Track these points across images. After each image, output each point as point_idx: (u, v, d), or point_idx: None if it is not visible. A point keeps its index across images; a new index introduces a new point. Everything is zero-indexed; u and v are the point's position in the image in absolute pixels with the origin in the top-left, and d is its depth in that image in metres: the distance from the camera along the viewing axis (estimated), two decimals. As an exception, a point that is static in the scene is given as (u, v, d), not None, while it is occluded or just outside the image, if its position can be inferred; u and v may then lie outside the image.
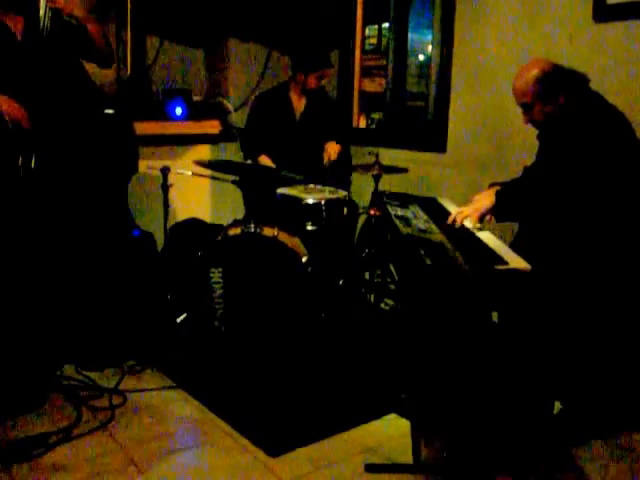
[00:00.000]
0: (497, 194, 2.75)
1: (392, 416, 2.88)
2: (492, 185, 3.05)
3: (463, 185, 4.18)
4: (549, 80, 2.75)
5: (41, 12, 3.00)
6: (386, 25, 4.98)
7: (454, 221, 2.75)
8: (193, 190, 4.72)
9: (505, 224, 2.92)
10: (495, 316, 2.46)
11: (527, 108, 2.83)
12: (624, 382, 2.73)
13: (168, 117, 4.55)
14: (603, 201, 2.62)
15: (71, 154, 3.17)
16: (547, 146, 2.94)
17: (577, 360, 2.67)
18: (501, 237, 2.65)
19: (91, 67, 3.43)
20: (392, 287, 3.92)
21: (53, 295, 3.08)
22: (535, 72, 2.77)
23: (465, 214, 2.75)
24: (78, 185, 3.22)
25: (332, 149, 3.97)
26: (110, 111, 3.40)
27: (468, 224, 2.78)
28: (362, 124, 5.26)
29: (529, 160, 3.08)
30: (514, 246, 2.58)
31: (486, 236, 2.65)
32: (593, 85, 2.86)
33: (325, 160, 3.94)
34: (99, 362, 3.24)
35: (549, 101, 2.76)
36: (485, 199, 2.78)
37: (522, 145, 3.82)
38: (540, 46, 3.70)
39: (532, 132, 3.74)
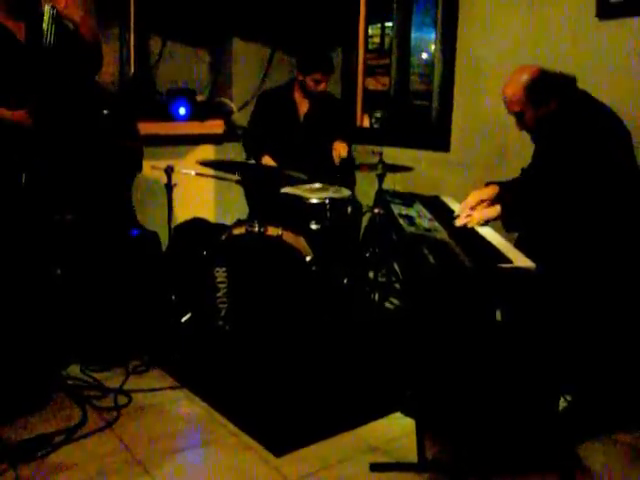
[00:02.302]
0: (502, 208, 2.75)
1: (397, 415, 2.88)
2: (488, 184, 3.04)
3: (467, 184, 4.16)
4: (537, 86, 2.74)
5: (44, 25, 3.00)
6: (389, 24, 4.97)
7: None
8: (197, 190, 4.73)
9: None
10: (498, 314, 2.46)
11: (519, 117, 2.82)
12: (630, 379, 2.72)
13: (172, 117, 4.56)
14: (602, 198, 2.61)
15: (75, 154, 3.18)
16: (542, 150, 2.93)
17: (582, 357, 2.66)
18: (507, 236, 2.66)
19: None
20: (396, 286, 3.92)
21: (57, 295, 3.08)
22: (523, 80, 2.75)
23: (473, 221, 2.75)
24: (82, 185, 3.23)
25: (341, 147, 3.97)
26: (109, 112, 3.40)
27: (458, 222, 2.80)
28: (366, 123, 5.25)
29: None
30: (518, 244, 2.58)
31: (490, 234, 2.65)
32: (595, 83, 2.86)
33: (336, 158, 3.95)
34: (104, 362, 3.24)
35: (540, 107, 2.76)
36: (491, 210, 2.78)
37: (526, 144, 3.81)
38: (543, 44, 3.69)
39: (536, 130, 3.74)
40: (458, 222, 2.78)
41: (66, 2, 3.00)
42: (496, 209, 2.77)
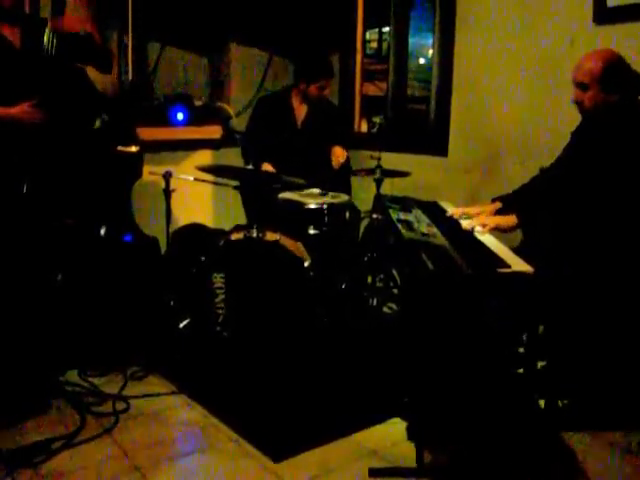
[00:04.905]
0: (521, 218, 2.73)
1: (396, 420, 2.87)
2: (495, 200, 3.05)
3: (464, 188, 4.18)
4: (615, 71, 2.69)
5: (45, 39, 3.02)
6: (387, 29, 4.99)
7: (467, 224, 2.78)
8: (195, 195, 4.72)
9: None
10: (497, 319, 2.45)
11: (583, 88, 2.73)
12: (628, 381, 2.72)
13: (170, 122, 4.56)
14: (630, 212, 2.59)
15: (75, 160, 3.18)
16: (579, 147, 2.89)
17: (581, 360, 2.66)
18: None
19: (93, 73, 3.45)
20: (394, 291, 3.92)
21: (56, 300, 3.08)
22: (608, 57, 2.71)
23: (486, 227, 2.75)
24: (82, 190, 3.23)
25: (340, 152, 3.98)
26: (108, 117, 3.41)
27: (468, 225, 2.80)
28: (363, 128, 5.26)
29: (529, 162, 3.08)
30: (520, 250, 2.56)
31: (488, 239, 2.65)
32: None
33: (334, 163, 3.95)
34: (102, 367, 3.23)
35: (605, 92, 2.69)
36: (506, 220, 2.76)
37: (522, 148, 3.83)
38: (541, 49, 3.70)
39: (532, 134, 3.75)
40: (467, 225, 2.78)
41: (67, 23, 3.07)
42: (510, 219, 2.76)
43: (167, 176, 3.66)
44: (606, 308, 2.57)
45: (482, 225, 2.77)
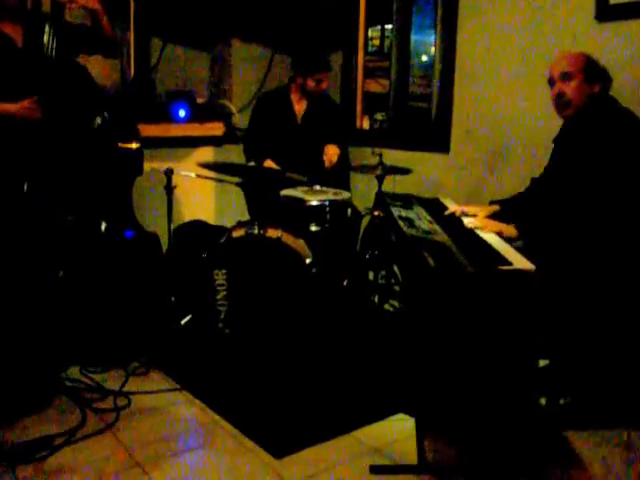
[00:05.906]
0: (519, 230, 2.74)
1: (397, 417, 2.87)
2: (492, 203, 3.05)
3: (466, 185, 4.17)
4: (595, 65, 2.78)
5: (45, 38, 3.02)
6: (389, 26, 4.98)
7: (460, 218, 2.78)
8: (197, 192, 4.73)
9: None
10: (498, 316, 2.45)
11: (567, 78, 2.76)
12: (628, 377, 2.72)
13: (172, 119, 4.56)
14: (620, 211, 2.58)
15: (76, 156, 3.18)
16: (562, 155, 2.89)
17: (581, 358, 2.66)
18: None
19: (94, 70, 3.45)
20: (396, 288, 3.92)
21: (57, 297, 3.08)
22: (586, 53, 2.82)
23: (488, 229, 2.75)
24: (83, 187, 3.23)
25: (332, 152, 3.97)
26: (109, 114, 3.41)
27: (470, 224, 2.79)
28: (365, 125, 5.25)
29: (532, 160, 3.07)
30: (523, 249, 2.56)
31: (490, 237, 2.65)
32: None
33: (327, 164, 3.95)
34: (104, 363, 3.24)
35: (588, 81, 2.74)
36: (508, 229, 2.76)
37: (525, 145, 3.82)
38: (543, 46, 3.69)
39: (534, 131, 3.75)
40: (470, 224, 2.78)
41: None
42: (512, 230, 2.76)
43: (169, 173, 3.66)
44: (607, 306, 2.57)
45: (485, 227, 2.77)
